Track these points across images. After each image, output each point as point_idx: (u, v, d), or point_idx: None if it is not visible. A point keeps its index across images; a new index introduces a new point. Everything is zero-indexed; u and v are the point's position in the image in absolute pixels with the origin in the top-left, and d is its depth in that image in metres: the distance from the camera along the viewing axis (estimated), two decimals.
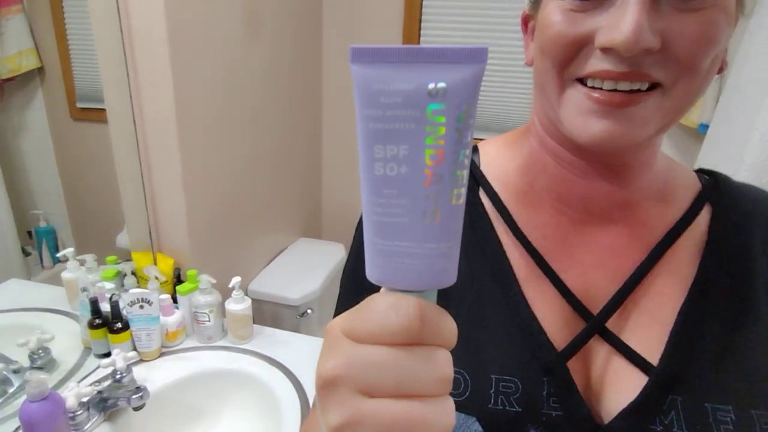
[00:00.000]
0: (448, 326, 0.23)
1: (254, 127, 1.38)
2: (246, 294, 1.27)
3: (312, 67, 1.72)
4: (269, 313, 1.43)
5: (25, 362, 0.90)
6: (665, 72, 0.32)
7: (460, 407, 0.38)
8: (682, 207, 0.43)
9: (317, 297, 1.44)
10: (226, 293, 1.10)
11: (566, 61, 0.35)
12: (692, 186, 0.44)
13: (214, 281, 1.08)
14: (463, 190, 0.23)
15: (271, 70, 1.43)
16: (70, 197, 1.09)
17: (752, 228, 0.42)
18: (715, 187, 0.44)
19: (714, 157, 1.26)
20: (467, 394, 0.38)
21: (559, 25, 0.34)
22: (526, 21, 0.42)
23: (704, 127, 1.38)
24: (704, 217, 0.42)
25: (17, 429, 0.81)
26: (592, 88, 0.34)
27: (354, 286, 0.47)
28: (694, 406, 0.36)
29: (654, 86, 0.33)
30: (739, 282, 0.40)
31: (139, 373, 0.96)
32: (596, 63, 0.33)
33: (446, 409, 0.22)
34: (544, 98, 0.39)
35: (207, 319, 1.07)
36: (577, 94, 0.35)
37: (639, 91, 0.33)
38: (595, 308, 0.40)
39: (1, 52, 0.98)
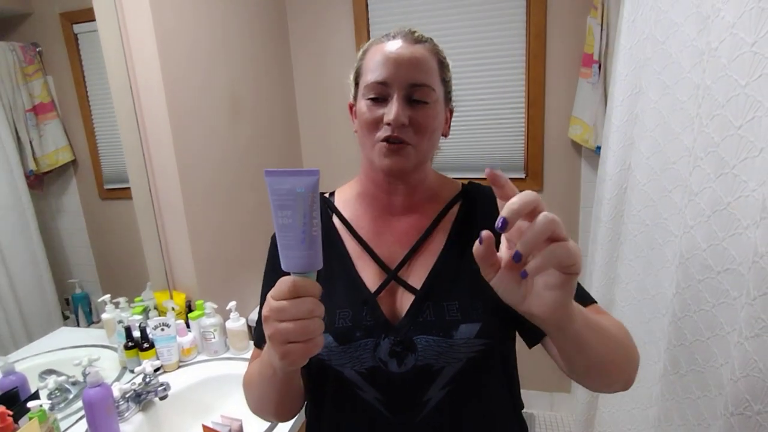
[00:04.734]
0: (312, 289, 0.49)
1: (240, 191, 1.75)
2: (247, 322, 1.59)
3: (289, 142, 2.12)
4: None
5: (80, 377, 1.21)
6: (411, 137, 0.66)
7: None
8: (445, 203, 0.73)
9: None
10: (225, 316, 1.42)
11: (372, 131, 0.67)
12: (455, 190, 0.75)
13: (215, 306, 1.40)
14: (317, 229, 0.48)
15: (252, 145, 1.81)
16: (100, 265, 1.30)
17: (476, 210, 0.72)
18: (467, 191, 0.75)
19: (602, 170, 1.57)
20: (326, 322, 0.67)
21: (365, 114, 0.67)
22: (351, 107, 0.73)
23: (599, 149, 1.71)
24: (456, 207, 0.73)
25: (78, 420, 1.12)
26: (385, 142, 0.66)
27: (274, 274, 0.68)
28: (437, 305, 0.65)
29: (408, 144, 0.66)
30: (467, 240, 0.66)
31: (163, 380, 1.26)
32: (385, 133, 0.66)
33: (315, 324, 0.48)
34: (365, 150, 0.70)
35: (213, 337, 1.39)
36: (379, 147, 0.66)
37: (403, 143, 0.65)
38: (394, 266, 0.69)
39: (41, 150, 1.14)
